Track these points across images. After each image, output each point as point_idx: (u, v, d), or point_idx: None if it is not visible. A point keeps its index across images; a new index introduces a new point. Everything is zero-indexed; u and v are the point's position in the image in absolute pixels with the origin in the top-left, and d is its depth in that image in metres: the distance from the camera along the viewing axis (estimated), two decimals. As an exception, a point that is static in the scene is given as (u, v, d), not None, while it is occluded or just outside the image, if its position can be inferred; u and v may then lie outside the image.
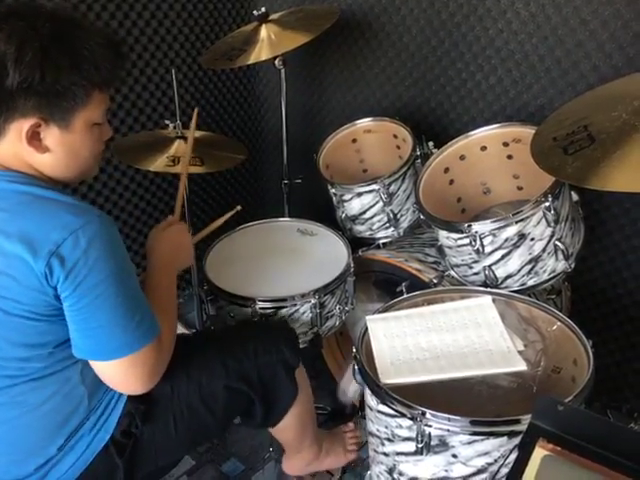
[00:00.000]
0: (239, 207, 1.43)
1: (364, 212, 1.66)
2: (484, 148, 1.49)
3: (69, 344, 0.97)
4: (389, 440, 1.05)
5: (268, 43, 1.65)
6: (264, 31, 1.68)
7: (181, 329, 1.96)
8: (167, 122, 1.72)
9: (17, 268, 0.89)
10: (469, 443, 0.96)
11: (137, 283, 1.00)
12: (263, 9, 1.70)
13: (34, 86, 0.89)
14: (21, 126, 0.92)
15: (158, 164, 1.61)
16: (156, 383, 1.04)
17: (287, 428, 1.33)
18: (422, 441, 0.97)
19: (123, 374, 0.99)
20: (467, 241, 1.29)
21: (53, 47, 0.90)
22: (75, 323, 0.94)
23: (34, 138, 0.93)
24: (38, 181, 0.97)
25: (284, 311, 1.38)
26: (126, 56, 1.46)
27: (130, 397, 1.08)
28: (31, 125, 0.92)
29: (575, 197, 1.34)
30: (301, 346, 1.40)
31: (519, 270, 1.30)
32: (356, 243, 1.65)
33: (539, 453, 0.68)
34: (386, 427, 1.04)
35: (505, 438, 0.94)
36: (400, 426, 1.01)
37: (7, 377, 0.96)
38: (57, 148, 0.96)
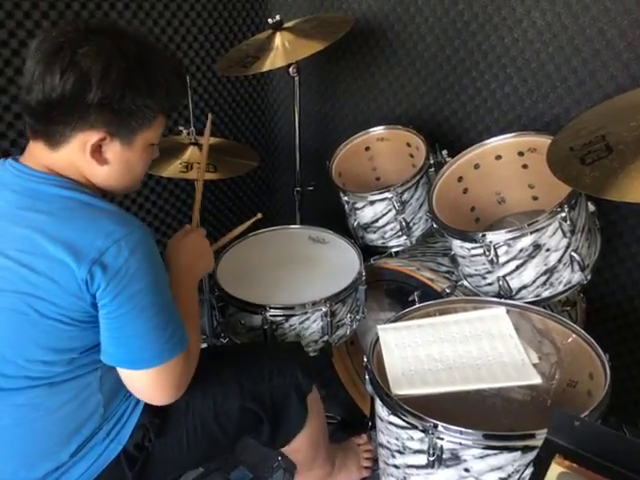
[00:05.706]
0: (260, 215, 1.44)
1: (376, 220, 1.65)
2: (499, 157, 1.48)
3: (93, 351, 0.98)
4: (400, 452, 1.03)
5: (282, 51, 1.65)
6: (278, 39, 1.69)
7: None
8: (181, 128, 1.73)
9: (59, 272, 0.90)
10: (482, 457, 0.94)
11: (171, 294, 1.00)
12: (278, 17, 1.71)
13: (112, 104, 0.92)
14: (88, 138, 0.94)
15: (171, 170, 1.62)
16: (181, 394, 1.03)
17: (299, 449, 1.32)
18: (434, 454, 0.96)
19: (151, 384, 0.99)
20: (481, 251, 1.27)
21: (136, 69, 0.93)
22: (109, 330, 0.94)
23: (96, 151, 0.96)
24: (84, 188, 0.98)
25: (295, 319, 1.37)
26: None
27: (145, 410, 1.07)
28: (98, 138, 0.94)
29: (592, 208, 1.31)
30: (311, 354, 1.39)
31: (534, 281, 1.28)
32: (368, 251, 1.64)
33: (555, 470, 0.67)
34: (397, 439, 1.03)
35: (519, 453, 0.92)
36: (411, 438, 0.99)
37: (28, 378, 0.96)
38: (115, 162, 0.99)
